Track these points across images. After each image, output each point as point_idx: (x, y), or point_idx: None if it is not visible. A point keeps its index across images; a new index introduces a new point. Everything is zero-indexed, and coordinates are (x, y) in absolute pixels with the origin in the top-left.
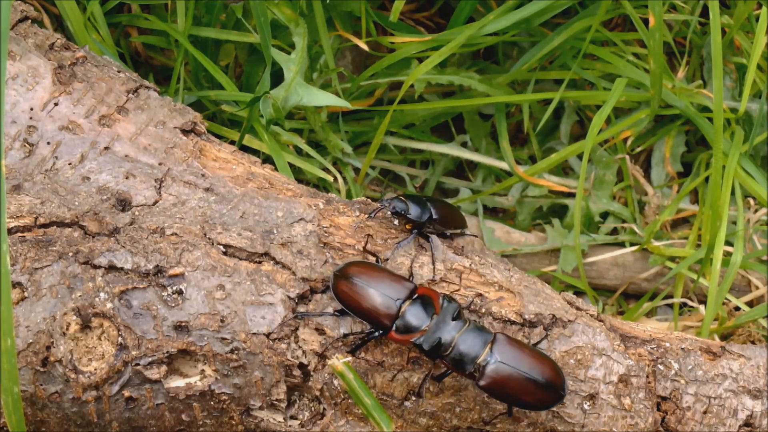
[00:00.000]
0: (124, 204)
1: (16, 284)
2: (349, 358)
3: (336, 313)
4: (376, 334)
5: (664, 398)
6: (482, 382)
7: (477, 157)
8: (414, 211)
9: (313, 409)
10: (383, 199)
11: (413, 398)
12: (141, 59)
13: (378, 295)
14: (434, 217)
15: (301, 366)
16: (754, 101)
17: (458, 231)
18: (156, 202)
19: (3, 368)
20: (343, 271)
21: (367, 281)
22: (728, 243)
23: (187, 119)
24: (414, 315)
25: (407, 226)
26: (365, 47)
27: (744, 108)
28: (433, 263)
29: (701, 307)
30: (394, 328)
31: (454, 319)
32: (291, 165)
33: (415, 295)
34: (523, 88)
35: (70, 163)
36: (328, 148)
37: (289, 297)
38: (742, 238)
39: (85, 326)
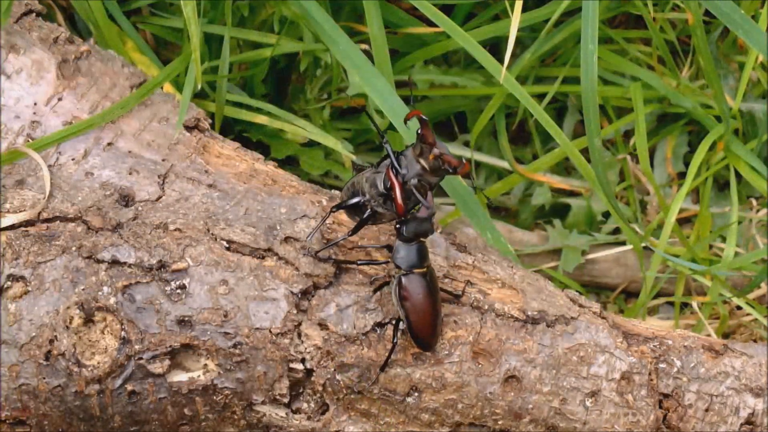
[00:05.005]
0: (127, 199)
1: (20, 278)
2: None
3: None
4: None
5: (666, 396)
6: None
7: (479, 156)
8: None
9: (315, 404)
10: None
11: (415, 394)
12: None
13: None
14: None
15: (304, 361)
16: (758, 101)
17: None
18: (159, 197)
19: None
20: None
21: None
22: None
23: (191, 116)
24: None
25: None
26: (366, 47)
27: (738, 106)
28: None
29: (701, 306)
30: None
31: None
32: None
33: None
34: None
35: (73, 159)
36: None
37: (292, 292)
38: (735, 234)
39: (88, 320)
